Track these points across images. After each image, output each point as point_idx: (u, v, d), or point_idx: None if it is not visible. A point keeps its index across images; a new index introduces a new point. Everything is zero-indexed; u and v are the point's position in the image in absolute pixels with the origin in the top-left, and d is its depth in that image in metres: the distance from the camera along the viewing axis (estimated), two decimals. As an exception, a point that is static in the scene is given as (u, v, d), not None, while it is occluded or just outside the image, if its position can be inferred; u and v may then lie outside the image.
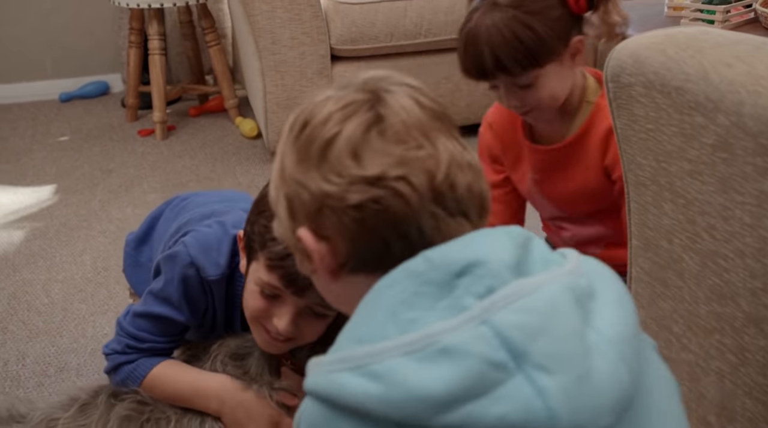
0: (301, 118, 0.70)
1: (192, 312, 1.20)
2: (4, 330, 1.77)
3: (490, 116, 1.42)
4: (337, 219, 0.65)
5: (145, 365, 1.19)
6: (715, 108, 0.82)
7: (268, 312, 1.09)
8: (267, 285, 1.06)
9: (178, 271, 1.17)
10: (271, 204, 0.72)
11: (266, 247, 1.04)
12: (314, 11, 2.45)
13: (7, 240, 2.19)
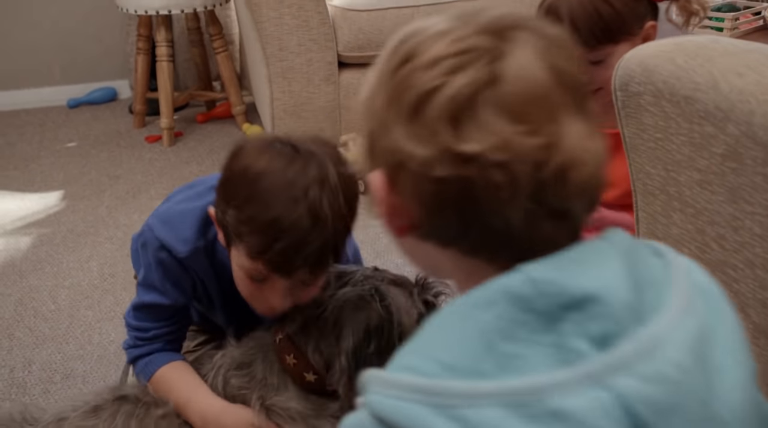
0: (404, 50, 0.57)
1: (179, 293, 1.20)
2: (10, 336, 1.77)
3: None
4: (415, 183, 0.55)
5: (154, 363, 1.22)
6: (724, 117, 0.81)
7: (261, 293, 1.09)
8: (252, 270, 1.06)
9: (151, 256, 1.18)
10: (362, 105, 0.61)
11: (243, 240, 1.03)
12: (322, 18, 2.45)
13: (14, 246, 2.19)
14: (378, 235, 2.18)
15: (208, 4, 2.84)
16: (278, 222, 1.00)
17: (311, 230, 1.00)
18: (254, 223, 1.01)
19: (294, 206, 0.99)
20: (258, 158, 1.03)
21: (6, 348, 1.73)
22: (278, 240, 1.00)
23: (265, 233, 1.01)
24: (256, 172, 1.02)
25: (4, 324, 1.82)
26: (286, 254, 1.01)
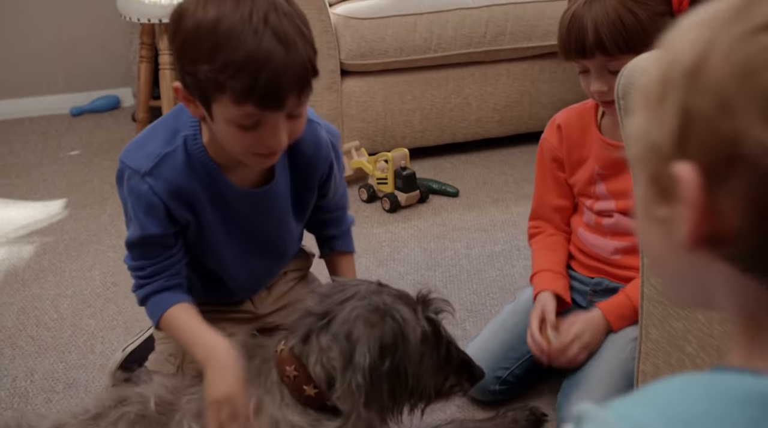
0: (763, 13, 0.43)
1: (155, 221, 1.20)
2: (12, 345, 1.77)
3: (559, 118, 1.48)
4: (752, 185, 0.43)
5: (161, 304, 1.25)
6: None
7: (257, 139, 1.08)
8: (243, 117, 1.05)
9: (125, 188, 1.20)
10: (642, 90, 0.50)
11: (225, 88, 1.02)
12: (324, 26, 2.45)
13: (17, 255, 2.19)
14: (380, 244, 2.18)
15: (210, 12, 2.84)
16: (253, 56, 1.00)
17: (286, 53, 1.01)
18: (231, 67, 1.00)
19: (261, 37, 1.00)
20: (205, 10, 1.02)
21: (8, 357, 1.73)
22: (260, 73, 1.00)
23: (246, 70, 1.00)
24: (209, 21, 1.02)
25: (6, 333, 1.82)
26: (272, 84, 1.01)
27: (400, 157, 2.39)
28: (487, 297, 1.88)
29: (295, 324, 1.17)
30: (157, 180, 1.17)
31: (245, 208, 1.26)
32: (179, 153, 1.18)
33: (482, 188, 2.51)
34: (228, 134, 1.09)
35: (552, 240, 1.51)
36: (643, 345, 1.15)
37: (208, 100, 1.06)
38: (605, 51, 1.26)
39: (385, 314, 1.11)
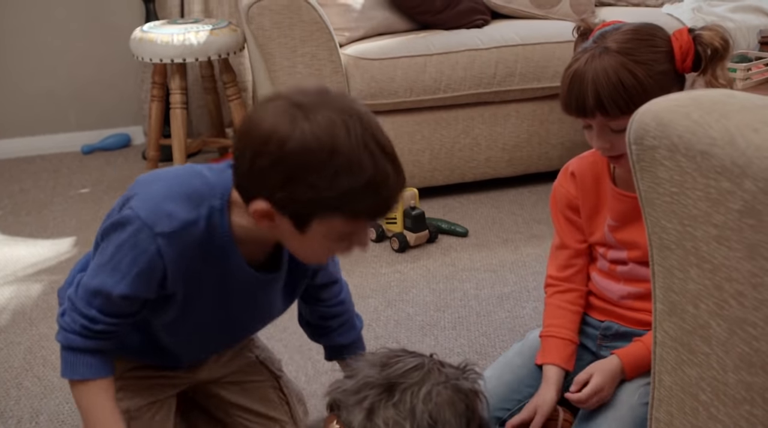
0: None
1: (143, 285, 1.11)
2: (18, 386, 1.76)
3: (572, 166, 1.47)
4: None
5: (91, 368, 1.16)
6: (741, 173, 0.81)
7: (348, 246, 1.11)
8: (347, 232, 1.07)
9: (126, 237, 1.10)
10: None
11: (344, 209, 1.03)
12: (334, 67, 2.47)
13: (25, 294, 2.19)
14: (389, 284, 2.17)
15: (222, 52, 2.88)
16: (375, 180, 1.01)
17: (396, 170, 1.05)
18: (355, 191, 1.01)
19: (377, 160, 1.02)
20: (309, 131, 1.00)
21: (14, 398, 1.72)
22: (380, 194, 1.03)
23: (371, 192, 1.02)
24: (324, 145, 0.99)
25: (12, 374, 1.81)
26: (389, 202, 1.06)
27: (409, 196, 2.39)
28: (496, 340, 1.86)
29: (347, 396, 1.05)
30: (170, 246, 1.10)
31: (247, 288, 1.22)
32: (201, 224, 1.11)
33: (491, 228, 2.51)
34: (319, 248, 1.10)
35: (567, 298, 1.47)
36: (656, 391, 1.14)
37: (309, 218, 1.05)
38: (606, 112, 1.25)
39: (467, 399, 1.06)
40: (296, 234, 1.07)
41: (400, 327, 1.93)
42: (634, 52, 1.24)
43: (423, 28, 2.82)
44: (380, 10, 2.74)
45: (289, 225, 1.06)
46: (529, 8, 2.92)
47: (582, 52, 1.28)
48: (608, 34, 1.28)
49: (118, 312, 1.14)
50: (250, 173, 1.04)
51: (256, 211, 1.05)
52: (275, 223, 1.06)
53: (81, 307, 1.13)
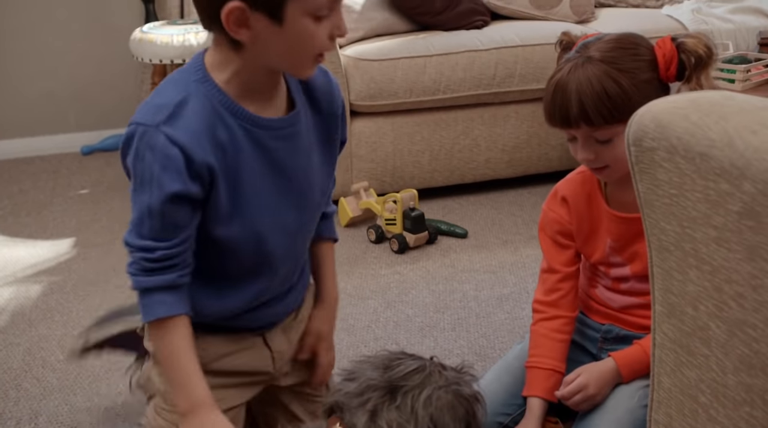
0: None
1: (174, 176, 1.07)
2: (17, 387, 1.76)
3: (562, 190, 1.43)
4: None
5: (165, 304, 1.12)
6: (740, 175, 0.81)
7: (327, 30, 1.08)
8: (323, 5, 1.06)
9: (136, 150, 1.08)
10: None
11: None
12: (334, 67, 2.47)
13: (24, 295, 2.19)
14: (389, 285, 2.16)
15: (221, 53, 2.88)
16: None
17: None
18: None
19: None
20: None
21: (13, 399, 1.71)
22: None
23: None
24: None
25: (11, 375, 1.81)
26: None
27: (408, 197, 2.39)
28: (495, 341, 1.86)
29: (350, 399, 1.06)
30: (174, 128, 1.07)
31: (274, 142, 1.17)
32: (194, 97, 1.10)
33: (491, 229, 2.51)
34: (304, 32, 1.07)
35: (552, 326, 1.44)
36: (655, 393, 1.14)
37: (277, 6, 1.04)
38: (590, 122, 1.23)
39: (469, 405, 1.07)
40: (276, 31, 1.06)
41: (399, 328, 1.93)
42: (617, 60, 1.23)
43: (423, 29, 2.81)
44: (380, 11, 2.74)
45: (265, 22, 1.05)
46: (528, 9, 2.92)
47: (565, 62, 1.27)
48: (591, 44, 1.27)
49: (171, 227, 1.10)
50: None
51: (230, 12, 1.04)
52: (252, 30, 1.06)
53: (135, 243, 1.11)
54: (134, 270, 1.12)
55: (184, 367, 1.13)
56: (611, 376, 1.35)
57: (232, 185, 1.14)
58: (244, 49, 1.09)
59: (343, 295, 2.10)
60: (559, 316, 1.43)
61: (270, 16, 1.05)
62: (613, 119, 1.22)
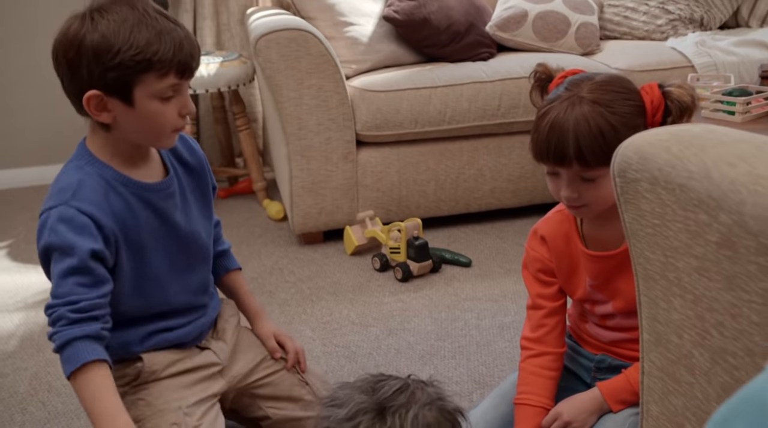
0: None
1: (88, 237, 1.24)
2: (23, 411, 1.78)
3: (541, 230, 1.44)
4: None
5: (85, 352, 1.21)
6: (717, 206, 0.83)
7: (175, 109, 1.28)
8: (166, 89, 1.25)
9: (49, 229, 1.24)
10: None
11: (152, 66, 1.22)
12: (340, 98, 2.52)
13: (33, 321, 2.22)
14: (391, 313, 2.18)
15: (231, 83, 2.93)
16: (166, 33, 1.24)
17: (181, 29, 1.28)
18: (152, 47, 1.22)
19: (156, 21, 1.25)
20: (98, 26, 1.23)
21: (18, 422, 1.74)
22: (175, 44, 1.25)
23: (167, 44, 1.24)
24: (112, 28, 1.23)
25: (18, 398, 1.83)
26: (180, 53, 1.25)
27: (412, 226, 2.42)
28: (495, 369, 1.87)
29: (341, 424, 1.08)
30: (80, 202, 1.25)
31: (162, 202, 1.36)
32: (88, 176, 1.29)
33: (495, 258, 2.52)
34: (154, 112, 1.26)
35: (540, 363, 1.44)
36: (644, 421, 1.15)
37: (129, 87, 1.23)
38: (584, 162, 1.24)
39: (451, 418, 1.11)
40: (131, 112, 1.25)
41: (400, 355, 1.95)
42: (611, 104, 1.24)
43: (429, 60, 2.86)
44: (387, 43, 2.79)
45: (120, 105, 1.25)
46: (534, 41, 2.96)
47: (556, 99, 1.27)
48: (580, 82, 1.27)
49: (92, 282, 1.24)
50: (71, 77, 1.25)
51: (89, 99, 1.23)
52: (112, 112, 1.25)
53: (59, 300, 1.22)
54: (58, 327, 1.21)
55: (109, 401, 1.21)
56: (590, 404, 1.35)
57: (135, 248, 1.33)
58: (111, 129, 1.29)
59: (345, 322, 2.13)
60: (546, 353, 1.44)
61: (122, 100, 1.25)
62: (604, 161, 1.22)
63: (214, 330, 1.52)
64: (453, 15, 2.81)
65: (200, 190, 1.47)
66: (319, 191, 2.60)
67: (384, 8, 2.82)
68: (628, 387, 1.34)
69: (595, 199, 1.28)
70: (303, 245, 2.70)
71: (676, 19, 3.13)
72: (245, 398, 1.53)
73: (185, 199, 1.42)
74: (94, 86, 1.23)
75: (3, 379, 1.92)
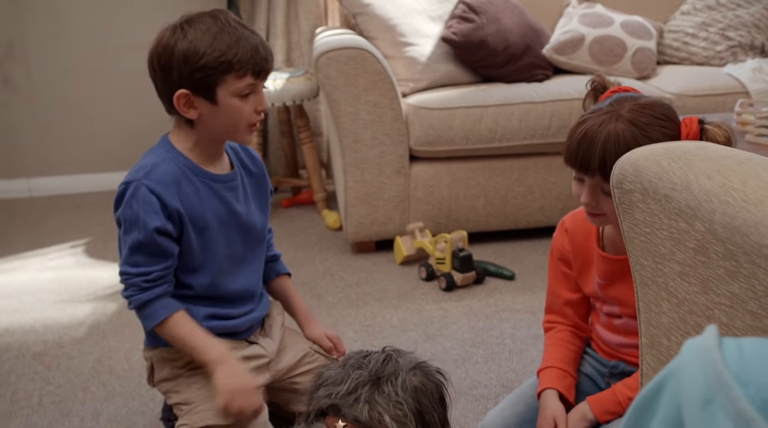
0: None
1: (158, 217, 1.43)
2: (85, 390, 1.95)
3: (567, 222, 1.53)
4: None
5: (166, 307, 1.46)
6: (693, 215, 0.90)
7: (252, 106, 1.47)
8: (244, 87, 1.44)
9: (126, 201, 1.44)
10: None
11: (232, 67, 1.41)
12: (395, 115, 2.63)
13: (101, 311, 2.40)
14: (431, 319, 2.27)
15: (296, 98, 3.09)
16: (243, 39, 1.43)
17: (257, 36, 1.47)
18: (232, 51, 1.41)
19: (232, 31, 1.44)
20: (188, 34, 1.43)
21: (80, 399, 1.90)
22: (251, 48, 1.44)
23: (244, 48, 1.43)
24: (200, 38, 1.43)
25: (82, 379, 2.00)
26: (255, 56, 1.44)
27: (458, 238, 2.50)
28: (524, 375, 1.93)
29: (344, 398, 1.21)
30: (152, 181, 1.44)
31: (225, 192, 1.54)
32: (166, 161, 1.48)
33: (538, 274, 2.58)
34: (234, 110, 1.45)
35: (561, 336, 1.53)
36: (641, 421, 1.20)
37: (213, 86, 1.42)
38: (606, 176, 1.27)
39: (439, 382, 1.26)
40: (214, 109, 1.44)
41: (434, 359, 2.03)
42: (647, 127, 1.28)
43: (486, 80, 2.95)
44: (444, 63, 2.90)
45: (205, 103, 1.44)
46: (590, 64, 3.02)
47: (597, 112, 1.33)
48: (625, 101, 1.32)
49: (159, 258, 1.45)
50: (164, 79, 1.44)
51: (179, 98, 1.43)
52: (197, 109, 1.44)
53: (131, 271, 1.46)
54: (132, 292, 1.47)
55: (200, 335, 1.47)
56: (584, 417, 1.41)
57: (201, 227, 1.51)
58: (195, 125, 1.48)
59: (387, 326, 2.23)
60: (566, 329, 1.53)
61: (207, 99, 1.44)
62: None
63: (261, 328, 1.66)
64: (510, 38, 2.90)
65: (259, 191, 1.65)
66: (372, 202, 2.72)
67: (443, 30, 2.93)
68: (613, 399, 1.39)
69: (612, 211, 1.35)
70: (355, 253, 2.82)
71: (736, 46, 3.14)
72: (287, 393, 1.66)
73: (246, 194, 1.60)
74: (184, 86, 1.42)
75: (70, 361, 2.09)
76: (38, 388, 1.96)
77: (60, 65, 3.61)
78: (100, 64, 3.65)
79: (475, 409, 1.80)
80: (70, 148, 3.73)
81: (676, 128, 1.31)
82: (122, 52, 3.63)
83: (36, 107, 3.66)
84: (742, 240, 0.82)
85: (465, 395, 1.86)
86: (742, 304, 0.84)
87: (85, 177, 3.77)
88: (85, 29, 3.60)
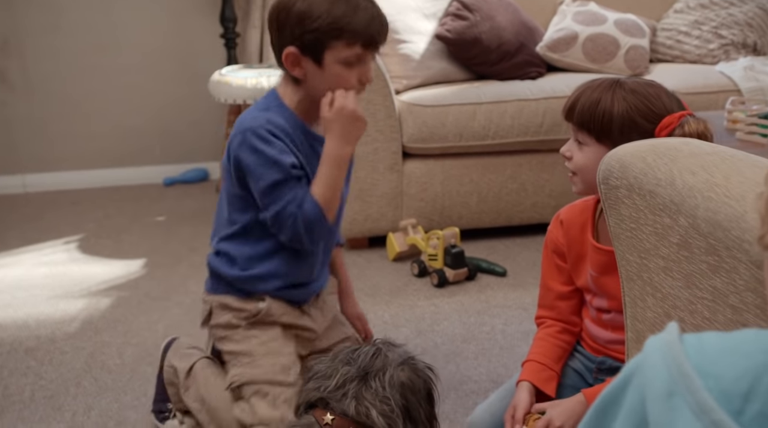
0: None
1: (289, 152, 1.50)
2: (77, 384, 1.95)
3: (562, 214, 1.54)
4: None
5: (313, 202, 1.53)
6: (677, 210, 0.91)
7: (356, 76, 1.51)
8: (351, 56, 1.48)
9: (250, 145, 1.49)
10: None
11: (342, 34, 1.45)
12: (388, 111, 2.64)
13: (94, 306, 2.41)
14: (423, 315, 2.28)
15: (291, 95, 3.08)
16: (361, 9, 1.47)
17: (375, 7, 1.51)
18: (346, 19, 1.45)
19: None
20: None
21: (72, 394, 1.91)
22: (366, 18, 1.47)
23: (359, 17, 1.46)
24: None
25: (74, 373, 2.01)
26: (369, 25, 1.48)
27: (450, 235, 2.51)
28: (514, 371, 1.93)
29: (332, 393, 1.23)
30: (273, 126, 1.50)
31: (321, 150, 1.57)
32: (275, 113, 1.53)
33: (530, 270, 2.59)
34: (338, 76, 1.50)
35: (549, 331, 1.54)
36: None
37: (321, 49, 1.47)
38: (579, 124, 1.35)
39: (427, 378, 1.27)
40: (319, 71, 1.49)
41: (425, 354, 2.04)
42: (636, 95, 1.33)
43: (479, 78, 2.96)
44: (438, 60, 2.90)
45: (311, 64, 1.49)
46: (583, 62, 3.03)
47: (606, 78, 1.40)
48: (629, 79, 1.38)
49: (301, 185, 1.52)
50: (278, 34, 1.49)
51: (288, 55, 1.48)
52: (303, 69, 1.50)
53: (284, 202, 1.51)
54: (291, 224, 1.52)
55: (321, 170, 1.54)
56: (580, 407, 1.42)
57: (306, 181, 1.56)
58: (300, 83, 1.54)
59: (378, 322, 2.24)
60: (556, 324, 1.54)
61: (314, 61, 1.49)
62: (588, 129, 1.35)
63: (316, 298, 1.72)
64: (504, 35, 2.91)
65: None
66: (366, 198, 2.73)
67: (437, 27, 2.94)
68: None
69: (580, 167, 1.38)
70: (348, 249, 2.83)
71: (729, 44, 3.15)
72: None
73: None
74: (294, 44, 1.47)
75: (63, 356, 2.10)
76: (30, 383, 1.97)
77: (56, 61, 3.62)
78: (96, 60, 3.65)
79: (465, 404, 1.82)
80: (66, 145, 3.74)
81: (664, 111, 1.34)
82: (119, 48, 3.64)
83: (31, 103, 3.66)
84: (723, 235, 0.83)
85: (455, 390, 1.87)
86: (724, 298, 0.85)
87: (81, 173, 3.77)
88: (81, 25, 3.60)
